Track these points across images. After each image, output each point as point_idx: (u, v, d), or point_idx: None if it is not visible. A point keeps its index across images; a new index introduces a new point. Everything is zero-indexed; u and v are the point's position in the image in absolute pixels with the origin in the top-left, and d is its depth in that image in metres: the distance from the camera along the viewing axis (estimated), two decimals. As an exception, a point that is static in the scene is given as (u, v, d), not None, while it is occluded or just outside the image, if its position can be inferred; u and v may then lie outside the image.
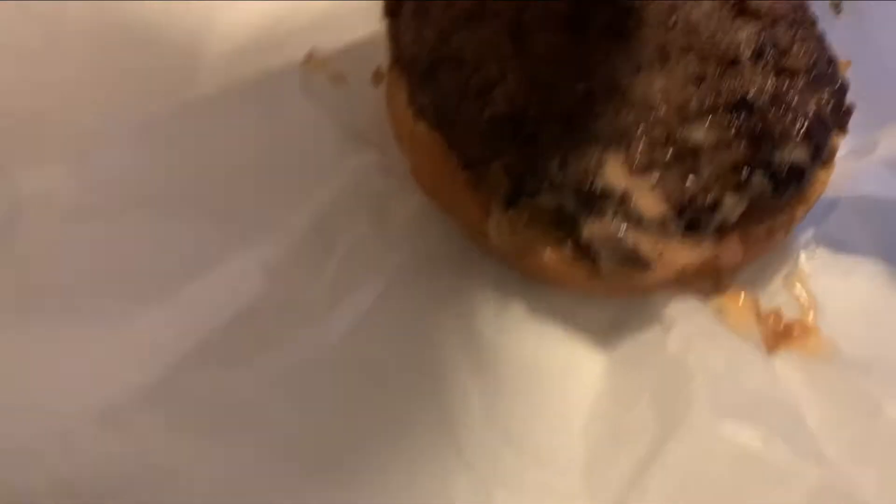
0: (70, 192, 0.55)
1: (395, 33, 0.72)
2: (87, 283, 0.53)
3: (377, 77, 0.75)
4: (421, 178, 0.71)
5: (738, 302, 0.68)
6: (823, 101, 0.65)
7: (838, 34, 0.76)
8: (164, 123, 0.61)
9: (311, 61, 0.71)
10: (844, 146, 0.69)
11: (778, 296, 0.70)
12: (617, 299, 0.69)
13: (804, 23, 0.68)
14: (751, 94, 0.62)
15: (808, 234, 0.74)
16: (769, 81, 0.63)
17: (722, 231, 0.64)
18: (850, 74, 0.73)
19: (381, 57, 0.75)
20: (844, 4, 0.79)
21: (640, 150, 0.61)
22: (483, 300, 0.68)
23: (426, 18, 0.69)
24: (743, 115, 0.62)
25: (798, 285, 0.70)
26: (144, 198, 0.58)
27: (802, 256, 0.74)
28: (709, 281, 0.69)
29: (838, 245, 0.74)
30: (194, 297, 0.57)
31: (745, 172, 0.62)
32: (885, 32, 0.76)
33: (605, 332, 0.68)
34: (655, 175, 0.61)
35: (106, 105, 0.60)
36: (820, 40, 0.69)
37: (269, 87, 0.68)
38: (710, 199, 0.62)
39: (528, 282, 0.69)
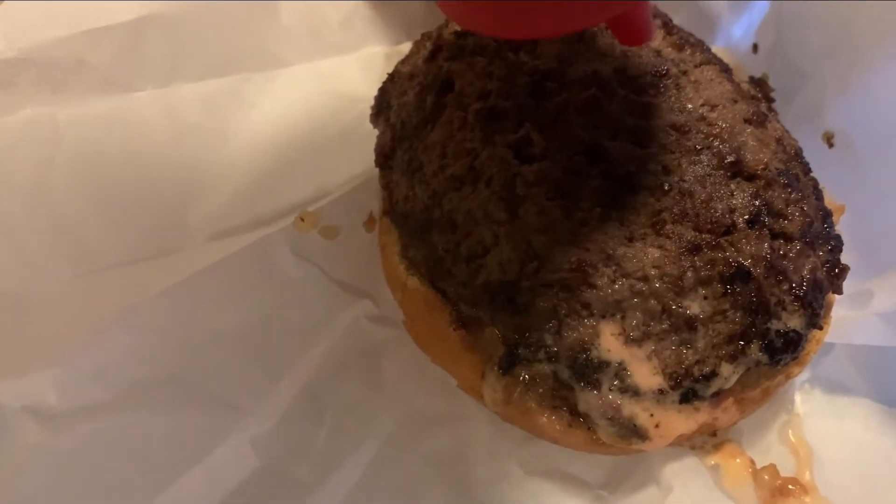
0: (54, 400, 0.54)
1: (387, 184, 0.72)
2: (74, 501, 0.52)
3: (370, 223, 0.74)
4: (414, 332, 0.70)
5: (734, 459, 0.67)
6: (819, 263, 0.64)
7: (832, 168, 0.76)
8: (147, 305, 0.60)
9: (303, 221, 0.70)
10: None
11: (774, 448, 0.70)
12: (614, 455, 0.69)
13: (798, 178, 0.67)
14: (746, 264, 0.61)
15: (804, 376, 0.74)
16: (764, 248, 0.62)
17: (718, 396, 0.64)
18: (844, 219, 0.73)
19: (374, 201, 0.74)
20: (837, 137, 0.79)
21: (635, 321, 0.61)
22: (478, 462, 0.67)
23: (418, 175, 0.68)
24: (738, 286, 0.61)
25: (793, 437, 0.69)
26: (131, 394, 0.57)
27: (798, 398, 0.74)
28: (706, 436, 0.69)
29: (833, 386, 0.74)
30: (187, 487, 0.56)
31: (741, 344, 0.61)
32: (876, 169, 0.75)
33: (602, 491, 0.67)
34: (651, 346, 0.61)
35: (89, 287, 0.59)
36: (815, 192, 0.69)
37: (260, 252, 0.67)
38: (706, 370, 0.61)
39: (524, 433, 0.69)
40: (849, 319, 0.71)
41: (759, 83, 0.86)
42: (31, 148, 0.65)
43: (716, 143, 0.66)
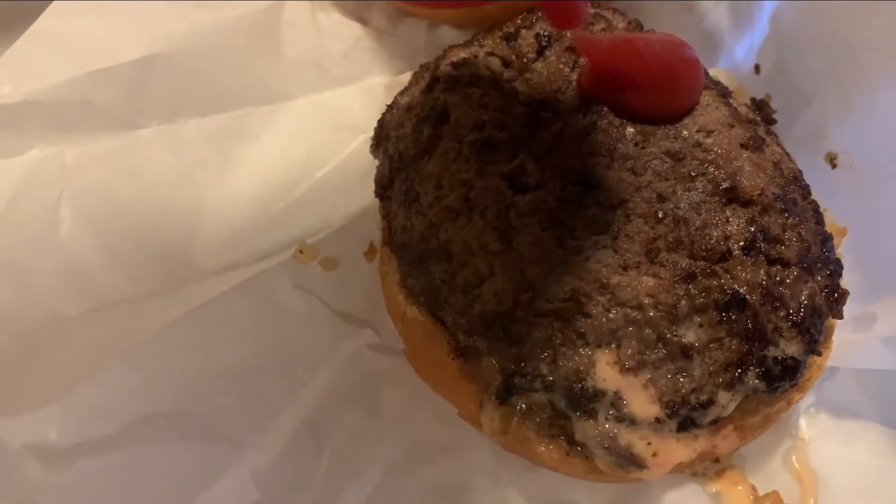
0: (55, 437, 0.56)
1: (386, 214, 0.73)
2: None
3: (371, 253, 0.75)
4: (414, 361, 0.71)
5: (735, 486, 0.67)
6: (817, 289, 0.64)
7: (835, 190, 0.76)
8: (149, 342, 0.61)
9: (302, 253, 0.71)
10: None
11: (778, 474, 0.69)
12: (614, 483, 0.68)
13: (796, 203, 0.67)
14: (742, 291, 0.61)
15: (809, 400, 0.73)
16: (760, 274, 0.62)
17: (717, 423, 0.63)
18: (847, 242, 0.72)
19: (375, 231, 0.75)
20: (840, 158, 0.79)
21: (630, 350, 0.61)
22: (480, 491, 0.67)
23: (415, 206, 0.69)
24: (734, 314, 0.61)
25: (797, 464, 0.68)
26: (132, 429, 0.59)
27: (803, 423, 0.73)
28: (707, 462, 0.68)
29: (840, 410, 0.73)
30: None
31: (737, 372, 0.61)
32: (880, 190, 0.75)
33: (603, 519, 0.67)
34: (647, 375, 0.61)
35: (94, 323, 0.60)
36: (815, 215, 0.68)
37: (260, 285, 0.68)
38: (703, 398, 0.61)
39: (525, 461, 0.69)
40: (853, 343, 0.70)
41: (761, 105, 0.86)
42: (39, 187, 0.67)
43: (711, 170, 0.66)
